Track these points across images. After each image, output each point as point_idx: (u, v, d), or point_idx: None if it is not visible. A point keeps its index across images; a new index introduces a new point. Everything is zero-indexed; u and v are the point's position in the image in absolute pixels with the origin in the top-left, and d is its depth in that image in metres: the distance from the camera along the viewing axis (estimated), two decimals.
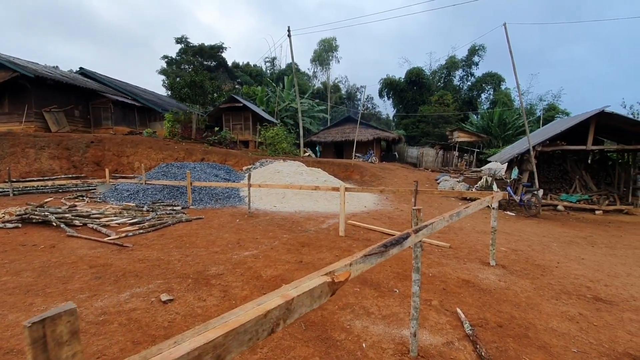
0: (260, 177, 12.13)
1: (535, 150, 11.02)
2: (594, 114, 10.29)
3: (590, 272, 5.17)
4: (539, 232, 8.06)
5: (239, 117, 24.30)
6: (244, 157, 17.04)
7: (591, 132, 10.78)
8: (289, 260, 5.06)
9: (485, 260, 5.44)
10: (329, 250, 5.61)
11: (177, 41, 57.48)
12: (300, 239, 6.40)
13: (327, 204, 10.47)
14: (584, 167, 13.17)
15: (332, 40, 46.47)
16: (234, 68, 61.16)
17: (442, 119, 36.94)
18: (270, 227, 7.34)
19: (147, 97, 26.27)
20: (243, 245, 5.87)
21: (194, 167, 12.38)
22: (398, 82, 44.42)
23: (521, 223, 9.14)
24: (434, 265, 5.07)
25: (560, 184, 13.06)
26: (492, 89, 41.92)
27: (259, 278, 4.28)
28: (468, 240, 6.77)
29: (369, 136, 29.22)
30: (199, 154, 16.45)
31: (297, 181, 11.46)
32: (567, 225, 9.00)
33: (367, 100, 61.22)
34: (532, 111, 37.41)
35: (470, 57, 43.55)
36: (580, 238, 7.59)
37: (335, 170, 17.67)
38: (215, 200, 10.40)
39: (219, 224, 7.51)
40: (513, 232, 7.90)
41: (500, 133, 29.86)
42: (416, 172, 20.49)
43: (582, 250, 6.61)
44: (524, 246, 6.56)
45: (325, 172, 13.11)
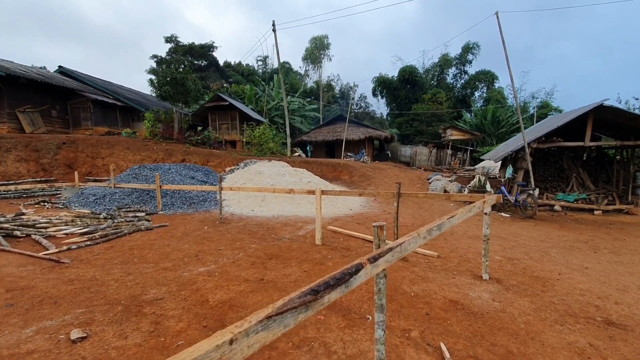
0: (241, 178, 11.38)
1: (531, 147, 10.40)
2: (592, 108, 9.68)
3: (597, 285, 4.50)
4: (536, 236, 7.40)
5: (225, 117, 23.47)
6: (227, 158, 16.24)
7: (589, 127, 10.17)
8: (249, 277, 4.32)
9: (478, 273, 4.75)
10: (298, 264, 4.88)
11: (166, 40, 56.49)
12: (269, 249, 5.66)
13: (309, 207, 9.74)
14: (580, 165, 12.59)
15: (324, 38, 45.77)
16: (226, 67, 60.28)
17: (435, 117, 36.41)
18: (240, 235, 6.59)
19: (130, 97, 25.33)
20: (201, 258, 5.12)
21: (168, 169, 11.58)
22: (391, 80, 43.87)
23: (516, 226, 8.49)
24: (417, 281, 4.36)
25: (556, 183, 12.46)
26: (485, 86, 41.50)
27: (204, 304, 3.54)
28: (459, 248, 6.08)
29: (360, 135, 28.55)
30: (180, 154, 15.63)
31: (279, 183, 10.73)
32: (566, 228, 8.36)
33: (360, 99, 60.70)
34: (525, 108, 37.02)
35: (464, 55, 43.07)
36: (581, 242, 6.95)
37: (324, 170, 16.95)
38: (188, 204, 9.63)
39: (183, 233, 6.75)
40: (508, 236, 7.23)
41: (493, 131, 29.35)
42: (408, 171, 19.82)
43: (585, 257, 5.95)
44: (521, 254, 5.88)
45: (310, 173, 12.40)
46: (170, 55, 55.87)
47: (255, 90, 31.12)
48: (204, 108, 23.01)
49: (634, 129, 10.32)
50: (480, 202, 3.75)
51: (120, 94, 24.54)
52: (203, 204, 9.82)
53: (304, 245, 6.01)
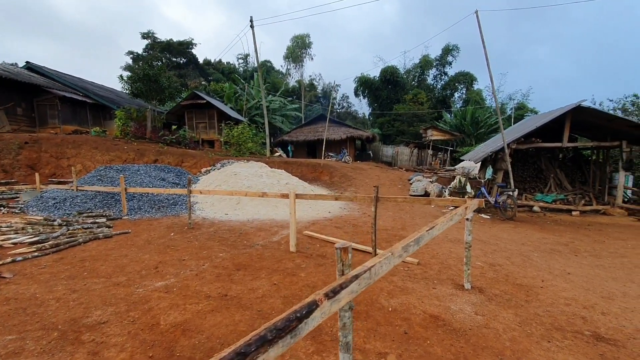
0: (215, 180, 10.83)
1: (510, 148, 10.36)
2: (570, 109, 9.71)
3: (581, 292, 4.32)
4: (517, 238, 7.27)
5: (202, 115, 22.68)
6: (203, 158, 15.59)
7: (567, 128, 10.22)
8: (211, 293, 3.89)
9: (459, 282, 4.48)
10: (269, 275, 4.47)
11: (143, 36, 54.75)
12: (239, 258, 5.22)
13: (287, 210, 9.31)
14: (558, 165, 12.71)
15: (306, 36, 45.30)
16: (206, 65, 58.93)
17: (416, 118, 36.64)
18: (208, 243, 6.11)
19: (102, 94, 24.14)
20: (161, 270, 4.64)
21: (137, 170, 10.90)
22: (373, 80, 43.98)
23: (497, 228, 8.36)
24: (396, 292, 4.04)
25: (535, 183, 12.53)
26: (464, 88, 42.17)
27: (154, 328, 3.09)
28: (440, 253, 5.83)
29: (342, 135, 28.32)
30: (152, 155, 14.86)
31: (256, 184, 10.26)
32: (546, 230, 8.29)
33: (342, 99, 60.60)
34: (503, 110, 37.77)
35: (444, 56, 43.58)
36: (561, 245, 6.85)
37: (304, 171, 16.55)
38: (157, 208, 9.03)
39: (145, 240, 6.21)
40: (489, 239, 7.06)
41: (473, 131, 29.76)
42: (390, 171, 19.71)
43: (566, 261, 5.81)
44: (502, 259, 5.68)
45: (288, 174, 11.97)
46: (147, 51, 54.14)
47: (235, 88, 30.37)
48: (180, 106, 22.16)
49: (610, 130, 10.45)
50: (462, 209, 3.46)
51: (91, 90, 23.34)
52: (173, 207, 9.24)
53: (277, 252, 5.61)
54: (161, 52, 53.98)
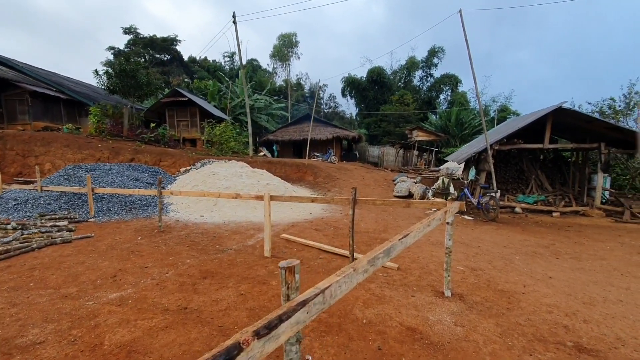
0: (192, 180, 10.40)
1: (493, 149, 10.31)
2: (551, 111, 9.72)
3: (563, 298, 4.17)
4: (499, 240, 7.15)
5: (184, 113, 22.04)
6: (182, 158, 15.06)
7: (548, 129, 10.24)
8: (170, 305, 3.54)
9: (440, 288, 4.26)
10: (237, 284, 4.15)
11: (125, 31, 53.37)
12: (207, 264, 4.88)
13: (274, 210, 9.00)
14: (539, 167, 12.79)
15: (292, 35, 44.91)
16: (191, 63, 57.80)
17: (402, 119, 36.80)
18: (177, 248, 5.74)
19: (78, 89, 23.13)
20: (119, 280, 4.25)
21: (108, 170, 10.35)
22: (360, 81, 44.00)
23: (479, 230, 8.25)
24: (372, 302, 3.79)
25: (517, 184, 12.57)
26: (449, 89, 42.63)
27: (96, 349, 2.74)
28: (421, 257, 5.62)
29: (328, 135, 28.08)
30: (128, 153, 14.24)
31: (235, 185, 9.89)
32: (527, 231, 8.23)
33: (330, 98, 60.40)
34: (487, 112, 38.33)
35: (430, 58, 43.96)
36: (542, 247, 6.76)
37: (287, 171, 16.22)
38: (127, 210, 8.55)
39: (109, 245, 5.78)
40: (471, 242, 6.91)
41: (457, 132, 30.03)
42: (375, 172, 19.56)
43: (548, 264, 5.70)
44: (484, 262, 5.52)
45: (269, 174, 11.63)
46: (129, 47, 52.76)
47: (219, 86, 29.73)
48: (160, 103, 21.46)
49: (590, 132, 10.54)
50: (440, 213, 3.23)
51: (66, 86, 22.32)
52: (146, 209, 8.78)
53: (250, 258, 5.28)
54: (144, 48, 52.66)
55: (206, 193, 6.21)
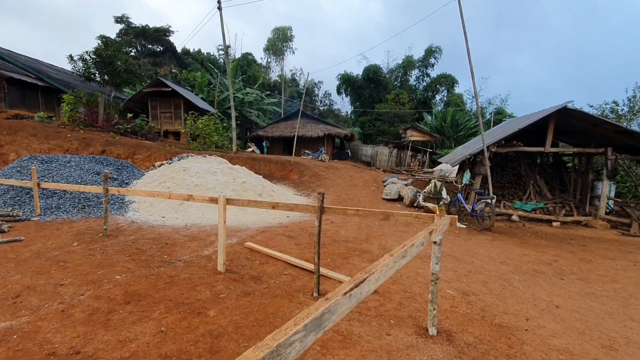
0: (161, 176, 9.44)
1: (490, 151, 9.49)
2: (555, 110, 8.92)
3: (576, 339, 3.33)
4: (495, 255, 6.32)
5: (167, 104, 20.96)
6: (159, 151, 14.05)
7: (550, 131, 9.45)
8: (59, 347, 2.62)
9: (423, 322, 3.40)
10: (162, 315, 3.24)
11: (116, 20, 51.87)
12: (138, 282, 3.96)
13: (237, 213, 8.11)
14: (538, 172, 12.02)
15: (287, 29, 43.83)
16: (184, 54, 56.48)
17: (398, 118, 36.01)
18: (115, 257, 4.80)
19: (58, 77, 21.91)
20: (20, 302, 3.32)
21: (67, 162, 9.34)
22: (355, 78, 43.12)
23: (473, 241, 7.41)
24: (333, 345, 2.90)
25: (514, 190, 11.79)
26: (446, 90, 41.94)
27: None
28: (404, 276, 4.76)
29: (319, 132, 27.19)
30: (100, 145, 13.20)
31: (206, 182, 8.95)
32: (526, 244, 7.42)
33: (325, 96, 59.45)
34: (483, 114, 37.68)
35: (427, 57, 43.19)
36: (544, 265, 5.94)
37: (272, 168, 15.30)
38: (80, 208, 7.57)
39: (35, 252, 4.83)
40: (464, 256, 6.07)
41: (452, 133, 29.31)
42: (366, 171, 18.69)
43: (552, 287, 4.87)
44: (478, 284, 4.67)
45: (248, 172, 10.70)
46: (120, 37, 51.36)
47: (208, 78, 28.62)
48: (142, 93, 20.33)
49: (595, 136, 9.77)
50: (423, 235, 2.36)
51: (45, 73, 21.10)
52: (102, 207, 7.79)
53: (198, 273, 4.38)
54: (135, 38, 51.25)
55: (155, 193, 5.29)
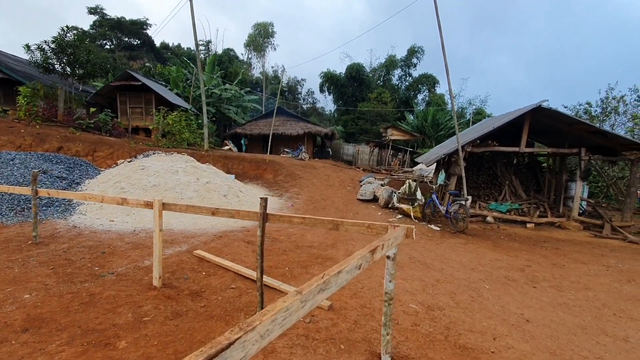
0: (116, 175, 8.70)
1: (465, 151, 9.23)
2: (529, 110, 8.73)
3: None
4: (467, 260, 5.99)
5: (138, 99, 19.92)
6: (123, 148, 13.20)
7: (525, 131, 9.27)
8: None
9: (377, 349, 2.96)
10: (60, 347, 2.66)
11: (90, 11, 49.79)
12: (49, 303, 3.35)
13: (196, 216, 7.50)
14: (513, 172, 11.90)
15: (269, 25, 42.96)
16: (163, 49, 54.79)
17: (380, 117, 35.90)
18: (35, 271, 4.16)
19: (18, 68, 20.47)
20: None
21: (11, 160, 8.48)
22: (339, 77, 42.75)
23: (445, 245, 7.08)
24: None
25: (489, 190, 11.62)
26: (427, 90, 42.15)
27: None
28: (365, 287, 4.32)
29: (299, 130, 26.65)
30: (56, 141, 12.24)
31: (164, 182, 8.30)
32: (500, 248, 7.14)
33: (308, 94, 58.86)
34: (463, 114, 38.05)
35: (410, 57, 43.23)
36: (517, 271, 5.64)
37: (246, 167, 14.68)
38: (19, 210, 6.80)
39: None
40: (434, 262, 5.71)
41: (433, 133, 29.36)
42: (344, 171, 18.29)
43: (524, 297, 4.54)
44: (446, 296, 4.29)
45: (215, 171, 10.05)
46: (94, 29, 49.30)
47: (184, 73, 27.57)
48: (110, 87, 19.27)
49: (569, 136, 9.66)
50: (362, 255, 1.89)
51: (4, 63, 19.68)
52: (45, 210, 7.05)
53: (129, 289, 3.80)
54: (110, 30, 49.30)
55: (88, 196, 4.67)
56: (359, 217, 9.26)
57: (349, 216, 9.22)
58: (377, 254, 2.19)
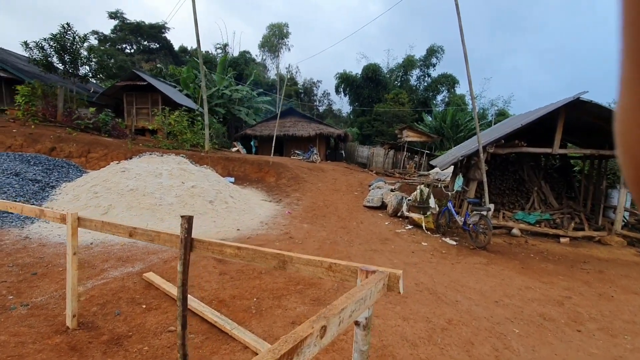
0: (95, 179, 7.95)
1: (487, 152, 7.96)
2: (565, 103, 7.37)
3: None
4: (488, 289, 4.78)
5: (144, 100, 19.53)
6: (119, 149, 12.60)
7: (559, 129, 7.90)
8: None
9: None
10: None
11: (110, 16, 50.87)
12: None
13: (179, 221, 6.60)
14: (542, 177, 10.45)
15: (284, 26, 42.38)
16: (181, 52, 55.33)
17: (396, 118, 34.47)
18: None
19: (25, 68, 20.53)
20: None
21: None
22: (354, 77, 41.64)
23: (462, 265, 5.86)
24: None
25: (515, 197, 10.23)
26: (446, 90, 40.41)
27: None
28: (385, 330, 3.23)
29: (311, 131, 25.70)
30: (49, 142, 11.75)
31: (145, 186, 7.46)
32: (530, 270, 5.86)
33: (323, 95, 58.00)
34: (485, 115, 36.12)
35: (429, 57, 41.66)
36: (554, 305, 4.39)
37: (247, 170, 13.80)
38: None
39: None
40: (446, 291, 4.54)
41: (452, 134, 27.77)
42: (355, 174, 17.15)
43: (566, 347, 3.33)
44: (460, 349, 3.14)
45: (205, 174, 9.15)
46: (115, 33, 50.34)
47: (194, 73, 27.20)
48: (116, 87, 18.95)
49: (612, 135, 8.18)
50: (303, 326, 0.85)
51: (11, 63, 19.73)
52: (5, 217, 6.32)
53: (31, 331, 2.88)
54: (130, 34, 50.18)
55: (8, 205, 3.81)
56: (363, 226, 8.14)
57: (352, 225, 8.11)
58: (329, 334, 1.14)
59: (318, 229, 7.53)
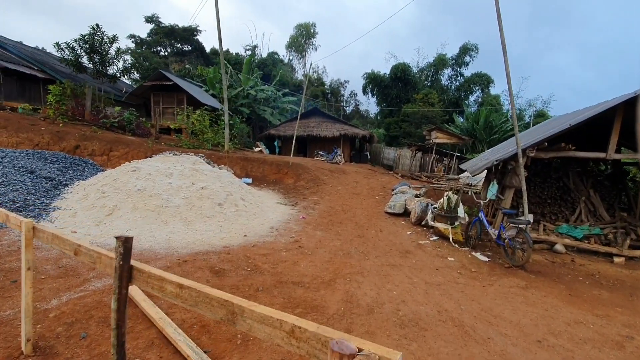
0: (106, 177, 7.81)
1: (527, 157, 7.00)
2: (624, 100, 6.28)
3: None
4: (528, 322, 3.96)
5: (170, 99, 19.80)
6: (140, 148, 12.64)
7: (615, 131, 6.78)
8: None
9: None
10: None
11: (147, 20, 52.87)
12: None
13: (182, 229, 6.26)
14: (591, 185, 9.22)
15: (311, 25, 42.09)
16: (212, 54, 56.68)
17: (426, 119, 33.05)
18: None
19: (63, 69, 21.47)
20: None
21: (1, 157, 7.96)
22: (382, 77, 40.52)
23: (495, 288, 5.02)
24: None
25: (558, 208, 9.08)
26: (480, 90, 38.33)
27: None
28: None
29: (335, 132, 25.11)
30: (74, 140, 11.96)
31: (154, 186, 7.20)
32: (579, 298, 4.92)
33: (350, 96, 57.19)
34: (522, 116, 33.86)
35: (462, 56, 39.76)
36: (612, 348, 3.52)
37: (266, 170, 13.44)
38: None
39: None
40: (475, 324, 3.78)
41: (485, 136, 26.11)
42: (379, 176, 16.35)
43: None
44: None
45: (218, 175, 8.78)
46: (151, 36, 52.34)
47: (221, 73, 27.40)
48: (144, 88, 19.34)
49: None
50: None
51: (49, 64, 20.67)
52: (20, 213, 6.22)
53: None
54: (165, 37, 51.97)
55: None
56: (382, 235, 7.43)
57: (370, 234, 7.43)
58: None
59: (332, 237, 6.91)
